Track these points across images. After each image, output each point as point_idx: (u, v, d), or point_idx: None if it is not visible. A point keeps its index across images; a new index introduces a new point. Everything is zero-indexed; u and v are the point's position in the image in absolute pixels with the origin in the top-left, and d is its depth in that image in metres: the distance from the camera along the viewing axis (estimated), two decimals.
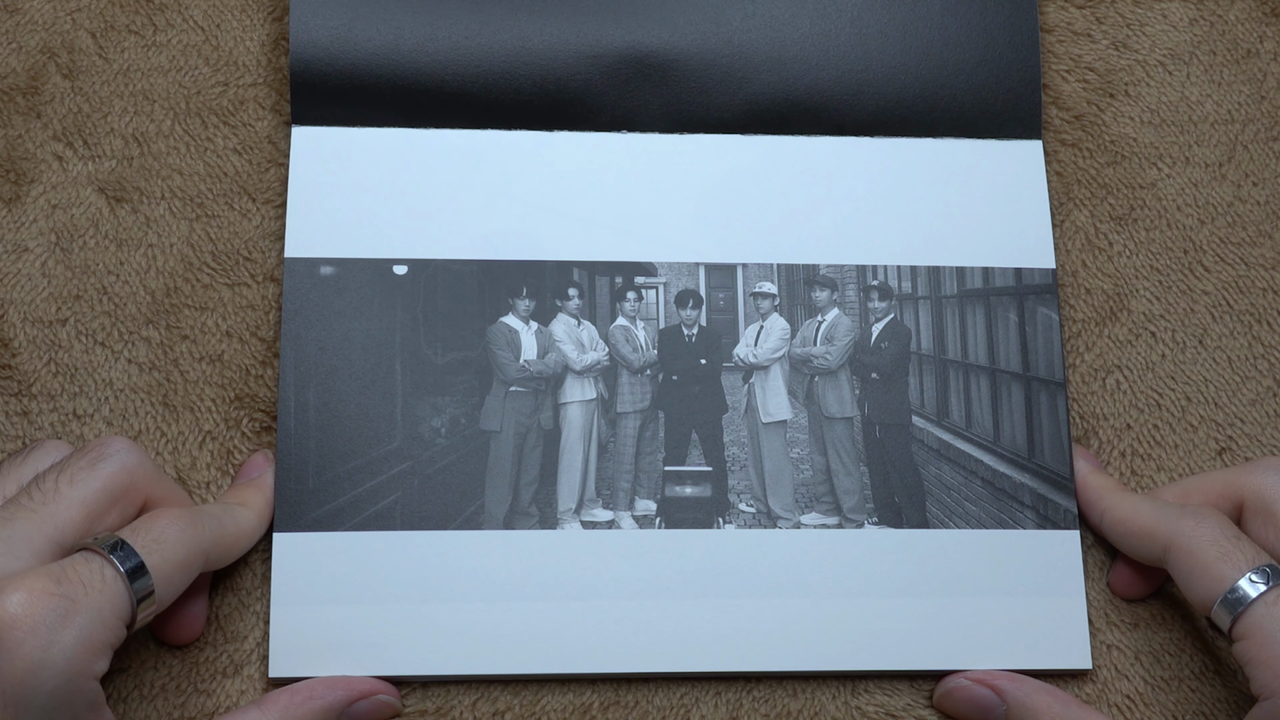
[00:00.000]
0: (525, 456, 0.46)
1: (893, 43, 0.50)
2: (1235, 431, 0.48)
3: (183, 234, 0.48)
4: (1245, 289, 0.50)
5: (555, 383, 0.47)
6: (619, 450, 0.47)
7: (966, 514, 0.46)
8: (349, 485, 0.45)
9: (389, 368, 0.46)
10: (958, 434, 0.48)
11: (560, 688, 0.45)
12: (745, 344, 0.48)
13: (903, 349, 0.48)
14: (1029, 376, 0.48)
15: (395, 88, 0.48)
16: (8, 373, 0.47)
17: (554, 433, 0.46)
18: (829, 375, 0.48)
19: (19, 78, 0.49)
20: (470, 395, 0.46)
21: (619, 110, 0.49)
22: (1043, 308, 0.48)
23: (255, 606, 0.45)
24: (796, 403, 0.48)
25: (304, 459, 0.45)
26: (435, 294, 0.47)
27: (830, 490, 0.47)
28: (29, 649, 0.36)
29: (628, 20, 0.50)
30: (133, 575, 0.38)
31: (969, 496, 0.47)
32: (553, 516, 0.46)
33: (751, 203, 0.49)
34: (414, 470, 0.45)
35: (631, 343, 0.48)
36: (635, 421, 0.47)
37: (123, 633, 0.39)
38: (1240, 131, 0.51)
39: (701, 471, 0.47)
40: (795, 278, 0.48)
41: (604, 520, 0.46)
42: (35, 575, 0.37)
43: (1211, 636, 0.46)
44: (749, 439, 0.47)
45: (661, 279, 0.48)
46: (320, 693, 0.43)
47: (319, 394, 0.46)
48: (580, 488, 0.46)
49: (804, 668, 0.45)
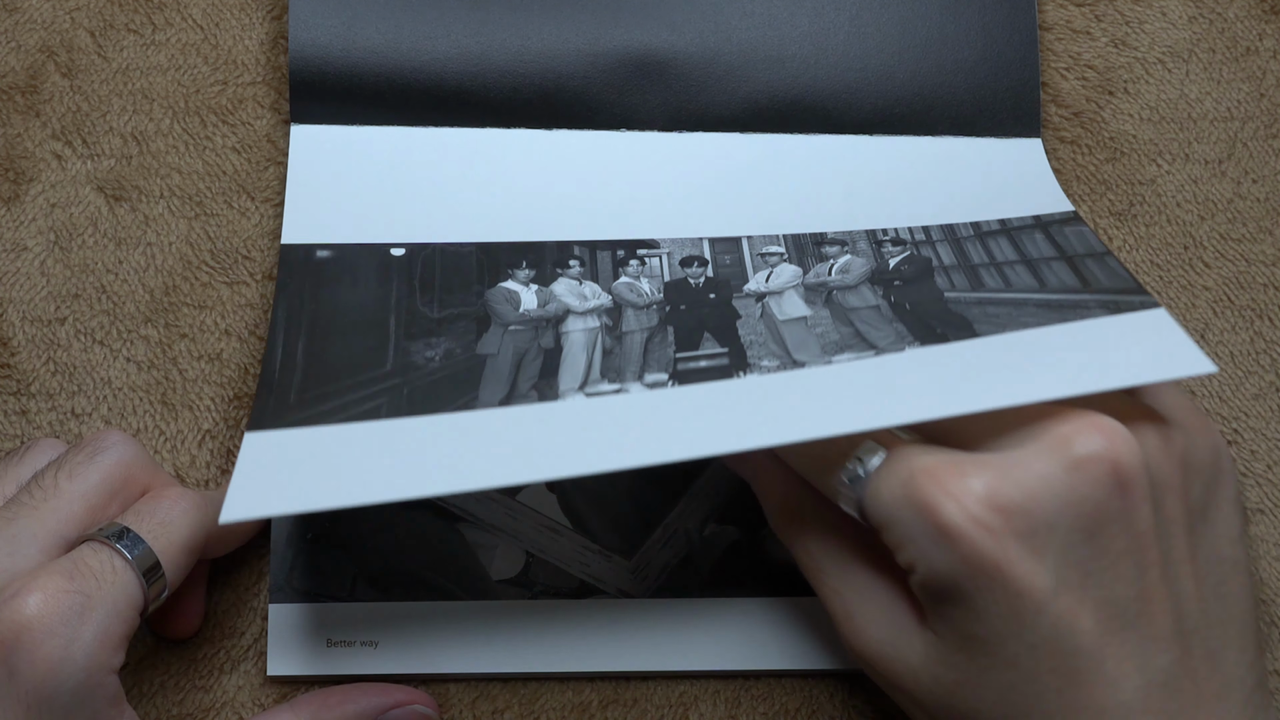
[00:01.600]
0: (525, 367, 0.44)
1: (891, 41, 0.50)
2: (1240, 425, 0.48)
3: (181, 232, 0.48)
4: (1246, 285, 0.50)
5: (557, 320, 0.46)
6: (626, 350, 0.44)
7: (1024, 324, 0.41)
8: (334, 396, 0.42)
9: (382, 319, 0.45)
10: (998, 291, 0.44)
11: (559, 686, 0.45)
12: (756, 282, 0.47)
13: (924, 268, 0.46)
14: (1069, 255, 0.44)
15: (394, 87, 0.49)
16: (6, 371, 0.47)
17: (555, 350, 0.44)
18: (848, 289, 0.46)
19: (18, 76, 0.49)
20: (467, 334, 0.45)
21: (618, 109, 0.49)
22: (1072, 227, 0.46)
23: (253, 602, 0.45)
24: (816, 304, 0.45)
25: (286, 385, 0.42)
26: (434, 268, 0.46)
27: (861, 340, 0.43)
28: (49, 649, 0.36)
29: (627, 19, 0.50)
30: (141, 561, 0.39)
31: (1022, 318, 0.42)
32: (553, 394, 0.42)
33: (753, 191, 0.49)
34: (404, 384, 0.43)
35: (636, 291, 0.47)
36: (642, 335, 0.45)
37: (137, 621, 0.39)
38: (1240, 128, 0.51)
39: (717, 352, 0.44)
40: (804, 243, 0.48)
41: (610, 389, 0.42)
42: (48, 574, 0.37)
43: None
44: (766, 330, 0.45)
45: (665, 250, 0.48)
46: (354, 698, 0.42)
47: (308, 339, 0.44)
48: (584, 374, 0.43)
49: (803, 666, 0.45)
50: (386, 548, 0.45)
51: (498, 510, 0.46)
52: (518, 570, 0.45)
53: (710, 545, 0.46)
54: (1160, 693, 0.36)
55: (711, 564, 0.46)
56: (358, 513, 0.45)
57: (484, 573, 0.45)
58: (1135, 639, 0.36)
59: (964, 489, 0.35)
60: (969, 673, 0.37)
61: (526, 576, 0.45)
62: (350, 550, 0.45)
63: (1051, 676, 0.36)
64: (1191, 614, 0.37)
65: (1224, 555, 0.38)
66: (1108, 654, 0.36)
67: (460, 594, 0.45)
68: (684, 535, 0.46)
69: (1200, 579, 0.37)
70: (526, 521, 0.46)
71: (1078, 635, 0.35)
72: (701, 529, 0.46)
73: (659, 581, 0.45)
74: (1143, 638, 0.36)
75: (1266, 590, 0.47)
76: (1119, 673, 0.36)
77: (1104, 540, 0.36)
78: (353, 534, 0.45)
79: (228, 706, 0.44)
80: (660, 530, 0.46)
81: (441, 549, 0.45)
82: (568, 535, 0.46)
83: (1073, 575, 0.35)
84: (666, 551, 0.46)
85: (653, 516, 0.46)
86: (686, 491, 0.46)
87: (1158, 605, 0.36)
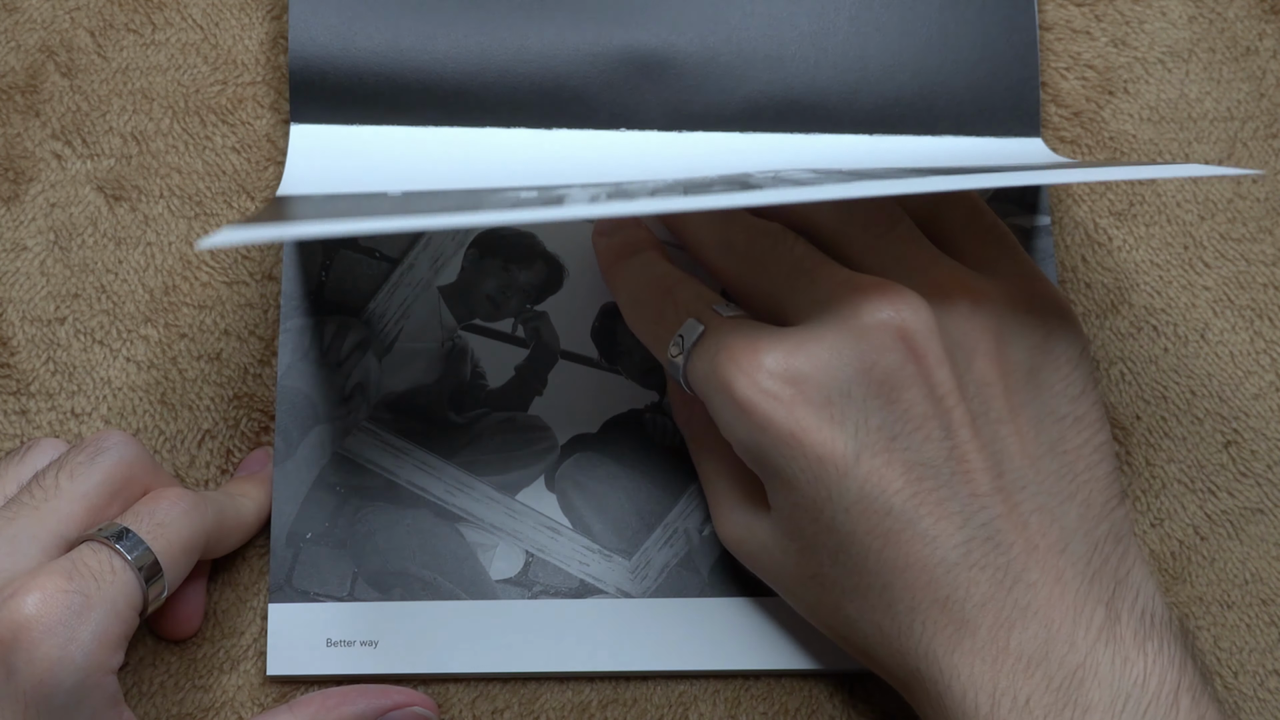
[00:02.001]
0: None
1: (891, 41, 0.50)
2: (1240, 425, 0.48)
3: (181, 232, 0.48)
4: (1246, 284, 0.50)
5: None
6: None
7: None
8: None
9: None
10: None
11: (559, 686, 0.45)
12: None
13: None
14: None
15: (394, 86, 0.49)
16: (6, 371, 0.47)
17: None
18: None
19: (18, 76, 0.49)
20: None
21: (618, 108, 0.49)
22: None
23: (252, 602, 0.45)
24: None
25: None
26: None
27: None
28: (48, 649, 0.36)
29: (626, 18, 0.50)
30: (140, 562, 0.39)
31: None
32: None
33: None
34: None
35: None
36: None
37: (136, 621, 0.39)
38: (1240, 128, 0.51)
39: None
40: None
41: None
42: (48, 574, 0.37)
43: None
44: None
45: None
46: (353, 699, 0.42)
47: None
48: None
49: (803, 666, 0.45)
50: (386, 548, 0.45)
51: (498, 510, 0.46)
52: (517, 570, 0.45)
53: (710, 545, 0.46)
54: (984, 546, 0.37)
55: (711, 564, 0.46)
56: (358, 512, 0.45)
57: (484, 573, 0.45)
58: (951, 496, 0.37)
59: (756, 365, 0.37)
60: (804, 542, 0.39)
61: (526, 576, 0.45)
62: (350, 550, 0.45)
63: (870, 537, 0.37)
64: (1017, 470, 0.37)
65: (1061, 413, 0.39)
66: (923, 512, 0.37)
67: (460, 594, 0.45)
68: (684, 535, 0.46)
69: (1026, 437, 0.38)
70: (526, 521, 0.46)
71: (888, 495, 0.37)
72: (701, 529, 0.46)
73: (659, 581, 0.45)
74: (959, 495, 0.37)
75: (1266, 589, 0.47)
76: (937, 530, 0.37)
77: (904, 404, 0.37)
78: (352, 534, 0.45)
79: (227, 706, 0.44)
80: (660, 530, 0.46)
81: (441, 549, 0.45)
82: (568, 535, 0.46)
83: (875, 439, 0.37)
84: (666, 551, 0.46)
85: (653, 517, 0.46)
86: (686, 491, 0.46)
87: (974, 463, 0.37)
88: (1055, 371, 0.39)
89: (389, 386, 0.47)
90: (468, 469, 0.46)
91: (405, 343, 0.47)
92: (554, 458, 0.47)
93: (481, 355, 0.47)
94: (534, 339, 0.48)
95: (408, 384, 0.47)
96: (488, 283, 0.48)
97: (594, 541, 0.46)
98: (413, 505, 0.46)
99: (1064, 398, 0.39)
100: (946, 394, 0.37)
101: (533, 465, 0.47)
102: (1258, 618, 0.47)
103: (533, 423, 0.47)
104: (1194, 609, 0.47)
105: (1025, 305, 0.39)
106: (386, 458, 0.46)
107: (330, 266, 0.48)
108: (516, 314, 0.48)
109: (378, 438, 0.46)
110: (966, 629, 0.37)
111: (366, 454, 0.46)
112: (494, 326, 0.48)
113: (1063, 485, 0.38)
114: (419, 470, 0.46)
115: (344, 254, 0.48)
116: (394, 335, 0.47)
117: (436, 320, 0.47)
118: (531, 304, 0.48)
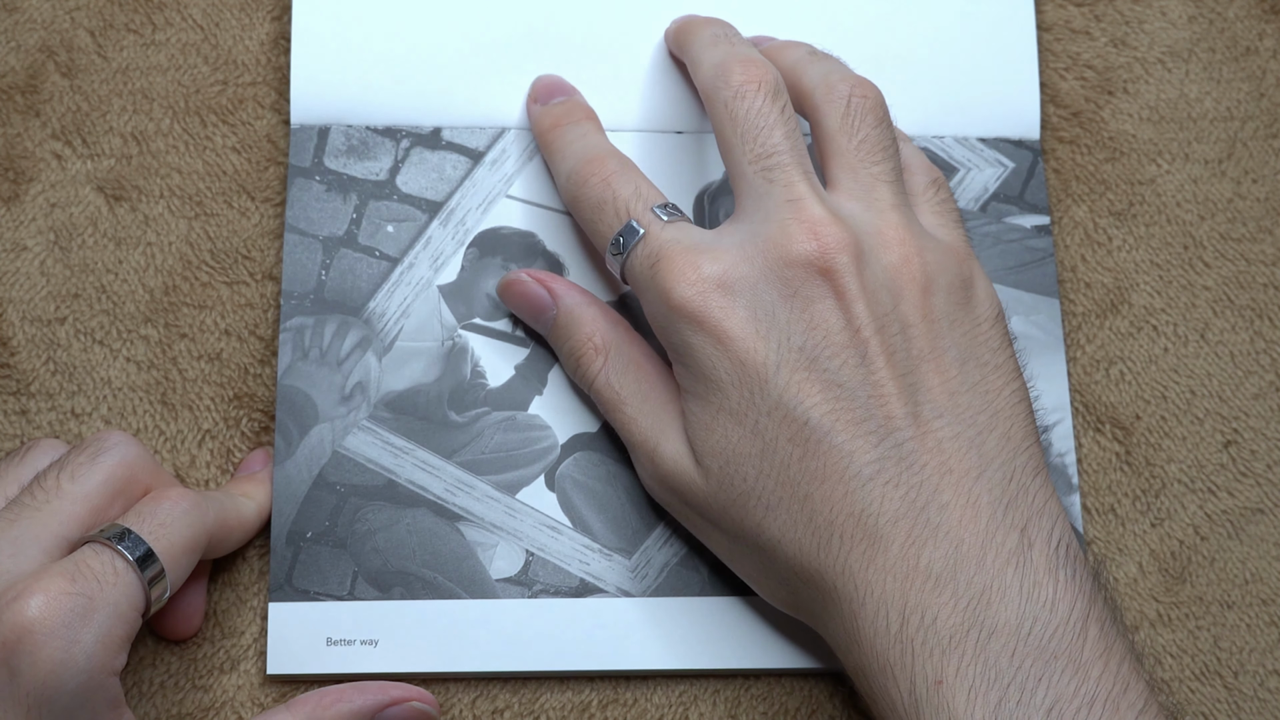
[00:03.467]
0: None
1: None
2: (1240, 425, 0.48)
3: (181, 232, 0.48)
4: (1246, 284, 0.50)
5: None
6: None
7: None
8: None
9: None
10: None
11: (559, 685, 0.45)
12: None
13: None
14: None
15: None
16: (6, 371, 0.47)
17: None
18: None
19: (18, 76, 0.49)
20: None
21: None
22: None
23: (252, 602, 0.45)
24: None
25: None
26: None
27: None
28: (51, 651, 0.36)
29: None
30: (142, 563, 0.39)
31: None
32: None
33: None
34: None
35: None
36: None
37: (138, 623, 0.39)
38: (1240, 128, 0.51)
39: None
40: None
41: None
42: (50, 576, 0.37)
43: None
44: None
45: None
46: (350, 696, 0.42)
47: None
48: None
49: (803, 666, 0.45)
50: (386, 547, 0.45)
51: (498, 509, 0.46)
52: (517, 569, 0.45)
53: None
54: (897, 466, 0.39)
55: (711, 563, 0.46)
56: (358, 512, 0.45)
57: (484, 572, 0.45)
58: (866, 418, 0.39)
59: (695, 273, 0.41)
60: (727, 457, 0.40)
61: (526, 575, 0.45)
62: (350, 549, 0.45)
63: (790, 445, 0.39)
64: (935, 401, 0.40)
65: (983, 359, 0.41)
66: (839, 427, 0.39)
67: (460, 593, 0.45)
68: (684, 535, 0.46)
69: (948, 374, 0.40)
70: (526, 520, 0.46)
71: (806, 407, 0.39)
72: None
73: (659, 581, 0.45)
74: (874, 417, 0.39)
75: (1266, 589, 0.47)
76: (853, 446, 0.39)
77: (822, 331, 0.40)
78: (352, 533, 0.45)
79: (227, 706, 0.44)
80: (660, 529, 0.46)
81: (441, 548, 0.45)
82: (568, 534, 0.46)
83: (796, 357, 0.40)
84: (666, 551, 0.46)
85: (653, 516, 0.46)
86: None
87: (888, 390, 0.39)
88: (976, 326, 0.41)
89: (389, 386, 0.47)
90: (468, 468, 0.46)
91: (405, 342, 0.47)
92: (554, 457, 0.47)
93: (481, 354, 0.47)
94: (534, 338, 0.48)
95: (407, 383, 0.47)
96: (488, 282, 0.48)
97: (594, 541, 0.46)
98: (412, 505, 0.46)
99: (985, 348, 0.41)
100: (863, 326, 0.40)
101: (533, 464, 0.47)
102: (1258, 618, 0.47)
103: (533, 422, 0.47)
104: (1194, 609, 0.47)
105: (955, 268, 0.42)
106: (386, 457, 0.46)
107: (330, 266, 0.48)
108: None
109: (378, 437, 0.46)
110: (880, 544, 0.38)
111: (366, 453, 0.46)
112: (494, 326, 0.48)
113: (982, 419, 0.40)
114: (419, 470, 0.46)
115: (344, 253, 0.48)
116: (394, 335, 0.47)
117: (436, 319, 0.47)
118: None
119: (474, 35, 0.49)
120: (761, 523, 0.40)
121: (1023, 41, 0.51)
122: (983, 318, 0.42)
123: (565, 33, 0.50)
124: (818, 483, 0.39)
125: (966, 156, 0.50)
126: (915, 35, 0.50)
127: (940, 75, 0.50)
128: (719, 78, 0.43)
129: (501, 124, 0.49)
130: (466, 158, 0.49)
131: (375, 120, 0.49)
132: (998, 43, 0.51)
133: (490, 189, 0.49)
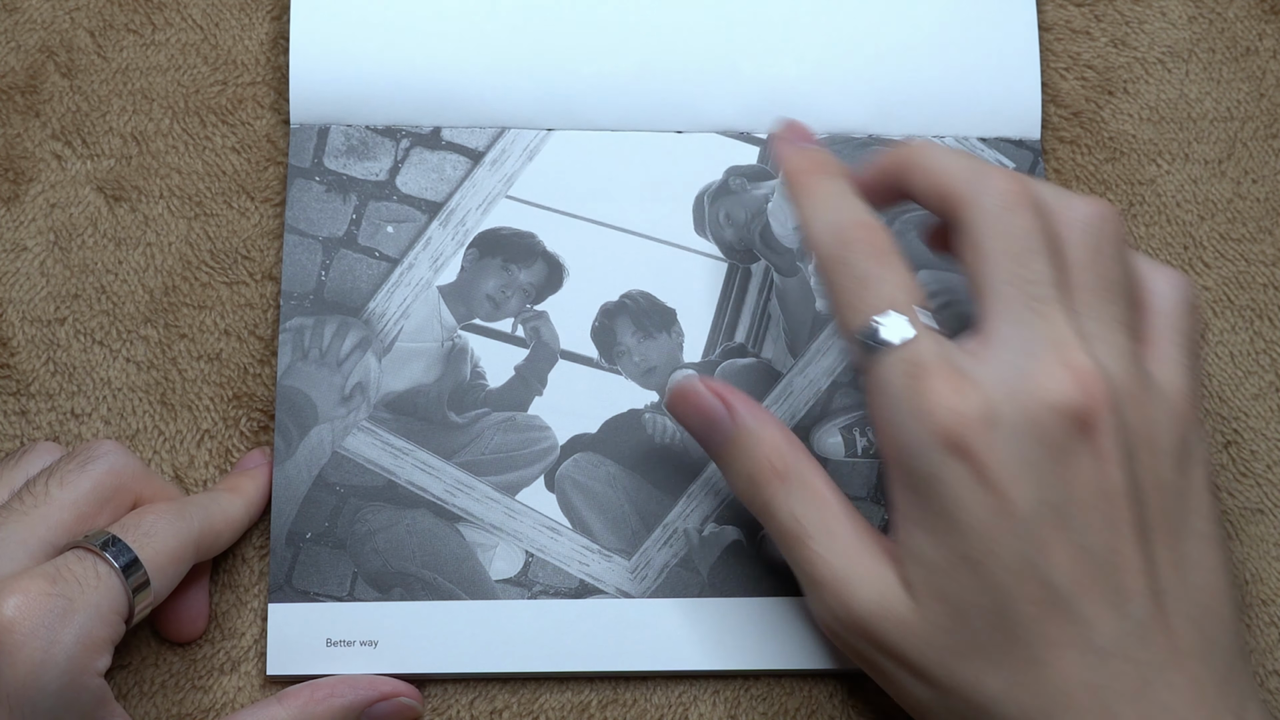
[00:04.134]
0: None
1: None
2: (1240, 425, 0.48)
3: (181, 233, 0.48)
4: (1246, 285, 0.50)
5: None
6: None
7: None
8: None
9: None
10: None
11: (558, 686, 0.45)
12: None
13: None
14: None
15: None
16: (6, 372, 0.47)
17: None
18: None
19: (17, 76, 0.49)
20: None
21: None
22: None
23: (253, 603, 0.45)
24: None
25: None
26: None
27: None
28: (30, 651, 0.36)
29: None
30: (127, 570, 0.39)
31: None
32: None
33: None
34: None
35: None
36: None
37: (122, 628, 0.39)
38: (1240, 129, 0.51)
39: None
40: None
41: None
42: (30, 577, 0.37)
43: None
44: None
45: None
46: (341, 691, 0.43)
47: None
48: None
49: (803, 666, 0.45)
50: (386, 548, 0.45)
51: (497, 510, 0.46)
52: (517, 570, 0.45)
53: (710, 545, 0.46)
54: (1135, 642, 0.37)
55: (711, 564, 0.46)
56: (357, 512, 0.45)
57: (484, 573, 0.45)
58: (1109, 588, 0.37)
59: (959, 398, 0.37)
60: (957, 601, 0.38)
61: (526, 576, 0.45)
62: (350, 550, 0.45)
63: (1030, 605, 0.37)
64: (1166, 578, 0.38)
65: (1200, 531, 0.39)
66: (1083, 596, 0.37)
67: (460, 594, 0.45)
68: (684, 535, 0.46)
69: (1175, 548, 0.38)
70: (526, 521, 0.46)
71: (1051, 568, 0.37)
72: (701, 529, 0.46)
73: (659, 581, 0.45)
74: (1116, 589, 0.37)
75: (1266, 589, 0.47)
76: (1095, 616, 0.37)
77: (1077, 489, 0.37)
78: (352, 534, 0.45)
79: (227, 707, 0.44)
80: (660, 530, 0.46)
81: (441, 549, 0.45)
82: (567, 535, 0.46)
83: (1049, 513, 0.37)
84: (666, 551, 0.46)
85: (653, 517, 0.46)
86: (686, 491, 0.46)
87: (1130, 561, 0.37)
88: (1194, 494, 0.40)
89: (389, 386, 0.47)
90: (467, 469, 0.46)
91: (405, 343, 0.47)
92: (554, 458, 0.47)
93: (481, 355, 0.47)
94: (534, 339, 0.48)
95: (407, 384, 0.47)
96: (488, 282, 0.48)
97: (594, 541, 0.46)
98: (412, 505, 0.46)
99: (1199, 517, 0.39)
100: (1113, 489, 0.38)
101: (532, 465, 0.47)
102: (1258, 618, 0.47)
103: (533, 423, 0.47)
104: None
105: (1179, 430, 0.40)
106: (386, 458, 0.46)
107: (330, 266, 0.48)
108: (516, 314, 0.48)
109: (377, 438, 0.46)
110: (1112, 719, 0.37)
111: (366, 454, 0.46)
112: (494, 326, 0.48)
113: (1204, 599, 0.39)
114: (419, 470, 0.46)
115: (344, 254, 0.48)
116: (394, 335, 0.47)
117: (436, 320, 0.47)
118: (531, 304, 0.48)
119: (474, 35, 0.49)
120: (981, 677, 0.38)
121: (1024, 41, 0.51)
122: (1199, 485, 0.40)
123: (565, 32, 0.50)
124: (1054, 647, 0.37)
125: None
126: (916, 35, 0.50)
127: (941, 75, 0.50)
128: (982, 180, 0.40)
129: (501, 124, 0.49)
130: (466, 158, 0.49)
131: (375, 120, 0.49)
132: (999, 42, 0.50)
133: (490, 189, 0.49)
